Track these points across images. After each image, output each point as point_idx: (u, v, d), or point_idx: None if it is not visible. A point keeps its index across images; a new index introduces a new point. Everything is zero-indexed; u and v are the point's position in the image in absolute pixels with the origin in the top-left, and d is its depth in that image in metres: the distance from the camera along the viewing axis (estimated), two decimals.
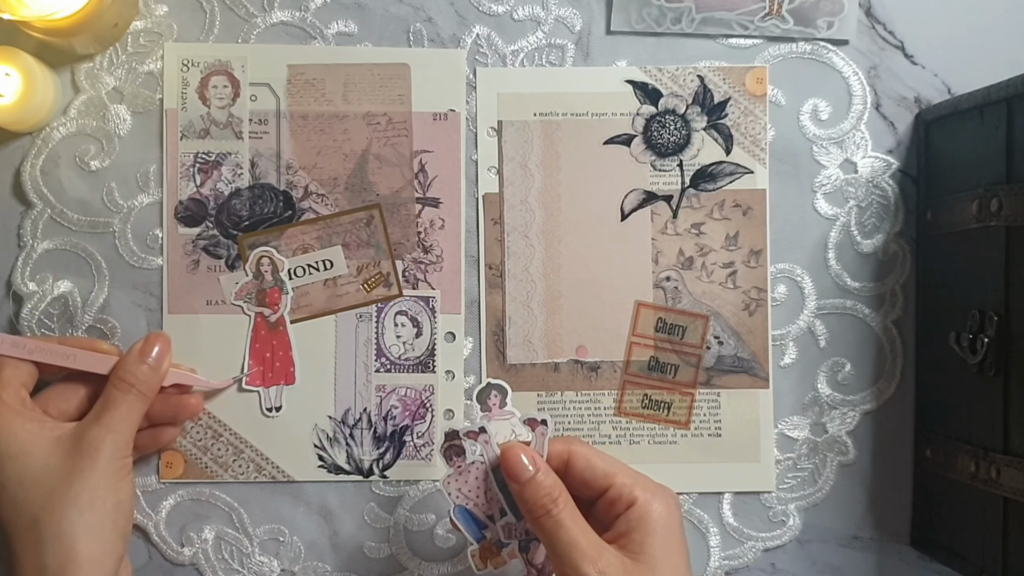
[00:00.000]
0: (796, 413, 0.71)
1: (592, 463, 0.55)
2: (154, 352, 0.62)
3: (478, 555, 0.57)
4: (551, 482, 0.54)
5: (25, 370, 0.61)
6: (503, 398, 0.59)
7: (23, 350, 0.61)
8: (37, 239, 0.69)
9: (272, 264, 0.64)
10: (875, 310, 0.71)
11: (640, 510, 0.53)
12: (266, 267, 0.64)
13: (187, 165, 0.69)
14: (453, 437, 0.58)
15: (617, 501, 0.54)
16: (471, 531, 0.57)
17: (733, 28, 0.70)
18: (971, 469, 0.62)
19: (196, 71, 0.69)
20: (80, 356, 0.62)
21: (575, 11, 0.71)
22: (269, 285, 0.64)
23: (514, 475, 0.54)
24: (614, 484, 0.54)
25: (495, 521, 0.58)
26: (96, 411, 0.60)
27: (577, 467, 0.56)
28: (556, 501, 0.53)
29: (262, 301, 0.65)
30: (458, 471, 0.57)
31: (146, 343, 0.62)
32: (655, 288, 0.70)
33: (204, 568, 0.69)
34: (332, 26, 0.70)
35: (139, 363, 0.61)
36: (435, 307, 0.70)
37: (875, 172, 0.71)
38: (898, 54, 0.71)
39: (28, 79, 0.65)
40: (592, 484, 0.55)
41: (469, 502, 0.57)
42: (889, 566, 0.71)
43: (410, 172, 0.70)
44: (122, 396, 0.60)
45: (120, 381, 0.60)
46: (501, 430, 0.58)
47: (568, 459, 0.56)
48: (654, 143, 0.71)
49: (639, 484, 0.55)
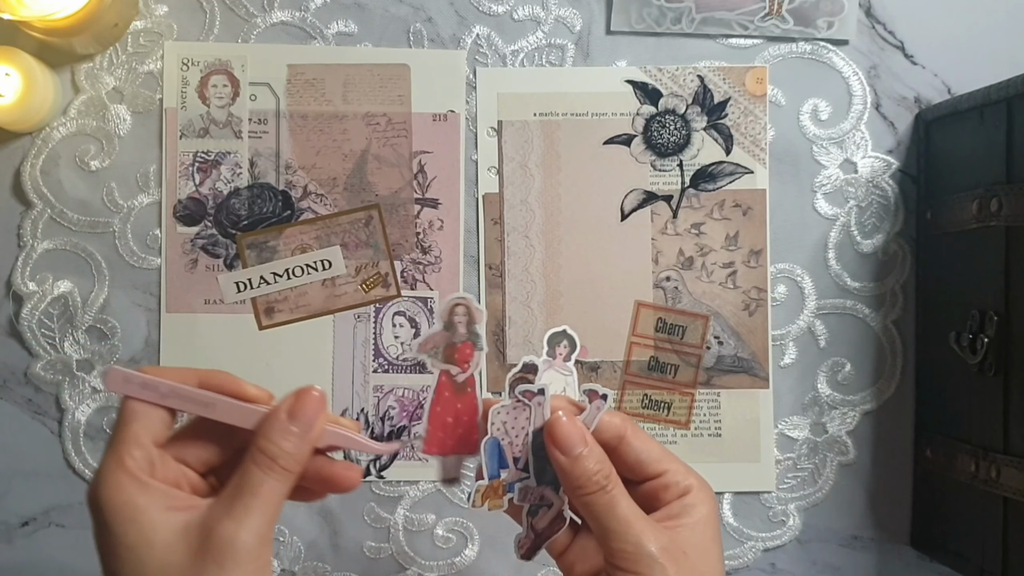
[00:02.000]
0: (796, 413, 0.71)
1: (649, 445, 0.54)
2: (305, 415, 0.48)
3: (482, 491, 0.55)
4: (603, 456, 0.52)
5: (158, 420, 0.48)
6: (571, 352, 0.57)
7: (155, 393, 0.48)
8: (37, 239, 0.69)
9: (468, 314, 0.53)
10: (875, 310, 0.71)
11: (694, 499, 0.52)
12: (460, 317, 0.54)
13: (186, 164, 0.69)
14: (529, 370, 0.55)
15: (671, 487, 0.52)
16: (490, 467, 0.55)
17: (733, 28, 0.70)
18: (971, 469, 0.62)
19: (196, 71, 0.69)
20: (222, 405, 0.49)
21: (575, 11, 0.71)
22: (461, 339, 0.54)
23: (565, 448, 0.51)
24: (670, 470, 0.53)
25: (517, 466, 0.56)
26: (229, 495, 0.46)
27: (633, 447, 0.53)
28: (609, 477, 0.51)
29: (450, 357, 0.54)
30: (514, 404, 0.55)
31: (296, 402, 0.48)
32: (655, 288, 0.70)
33: None
34: (332, 26, 0.70)
35: (286, 431, 0.47)
36: (433, 308, 0.70)
37: (875, 172, 0.71)
38: (898, 54, 0.71)
39: (28, 79, 0.65)
40: (645, 467, 0.53)
41: (505, 439, 0.55)
42: (889, 566, 0.71)
43: (409, 173, 0.70)
44: (262, 475, 0.47)
45: (260, 455, 0.47)
46: (555, 381, 0.56)
47: (625, 436, 0.54)
48: (654, 143, 0.71)
49: (692, 474, 0.53)
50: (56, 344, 0.69)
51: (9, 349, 0.69)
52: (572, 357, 0.56)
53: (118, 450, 0.46)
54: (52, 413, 0.69)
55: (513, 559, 0.54)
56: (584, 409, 0.53)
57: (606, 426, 0.53)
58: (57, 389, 0.69)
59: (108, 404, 0.69)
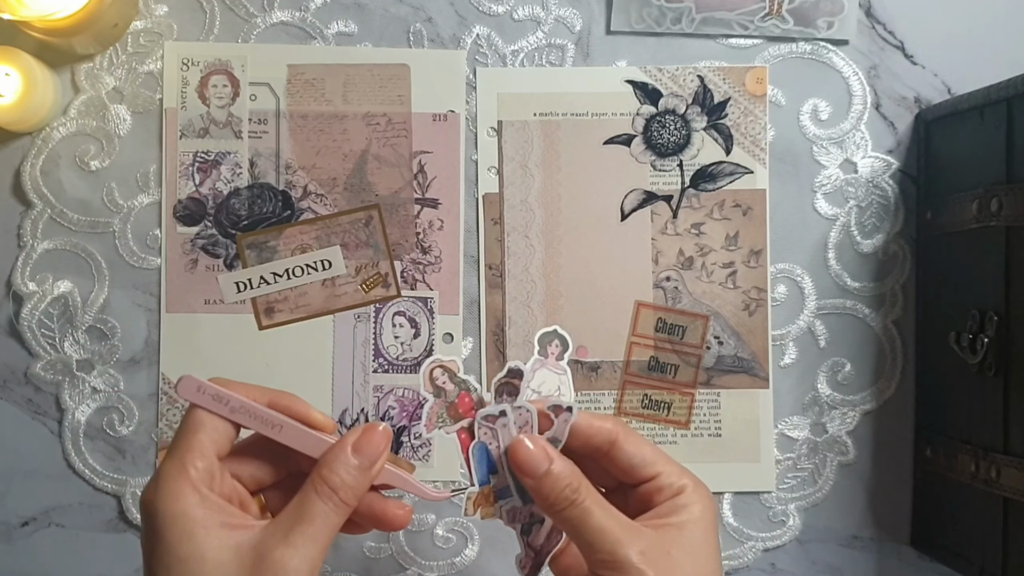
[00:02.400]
0: (796, 413, 0.71)
1: (642, 449, 0.53)
2: (370, 451, 0.49)
3: (474, 499, 0.55)
4: (569, 471, 0.51)
5: (224, 433, 0.48)
6: (563, 351, 0.56)
7: (225, 407, 0.48)
8: (37, 239, 0.69)
9: (446, 371, 0.54)
10: (875, 310, 0.71)
11: (688, 498, 0.51)
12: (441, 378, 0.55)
13: (186, 164, 0.69)
14: (514, 375, 0.55)
15: (664, 489, 0.52)
16: (479, 471, 0.55)
17: (733, 28, 0.70)
18: (971, 469, 0.62)
19: (196, 70, 0.69)
20: (288, 428, 0.49)
21: (575, 11, 0.71)
22: (454, 396, 0.55)
23: (528, 471, 0.51)
24: (662, 472, 0.52)
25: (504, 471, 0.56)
26: (287, 521, 0.46)
27: (625, 451, 0.52)
28: (578, 491, 0.50)
29: (456, 415, 0.55)
30: (499, 410, 0.55)
31: (363, 437, 0.49)
32: (655, 288, 0.70)
33: None
34: (332, 26, 0.70)
35: (350, 464, 0.48)
36: (433, 308, 0.70)
37: (875, 172, 0.71)
38: (898, 54, 0.71)
39: (28, 79, 0.65)
40: (638, 471, 0.52)
41: (493, 443, 0.55)
42: (889, 566, 0.71)
43: (409, 173, 0.70)
44: (320, 505, 0.47)
45: (323, 485, 0.47)
46: (548, 380, 0.56)
47: (616, 441, 0.54)
48: (654, 143, 0.71)
49: (686, 475, 0.53)
50: (56, 344, 0.69)
51: (9, 349, 0.69)
52: (565, 356, 0.56)
53: (183, 458, 0.46)
54: (52, 413, 0.69)
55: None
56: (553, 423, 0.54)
57: (596, 431, 0.53)
58: (57, 389, 0.69)
59: (108, 404, 0.69)
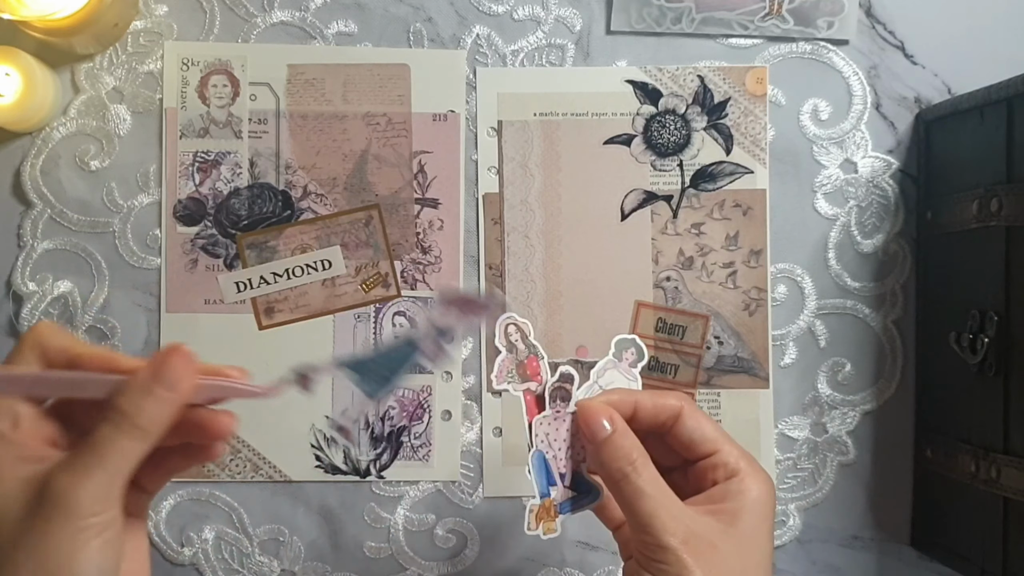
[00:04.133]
0: (796, 413, 0.71)
1: (702, 425, 0.52)
2: (170, 373, 0.44)
3: (535, 511, 0.55)
4: (629, 444, 0.50)
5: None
6: (637, 359, 0.57)
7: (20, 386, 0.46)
8: (37, 239, 0.69)
9: (519, 330, 0.56)
10: (875, 310, 0.71)
11: (741, 483, 0.51)
12: (515, 335, 0.57)
13: (186, 164, 0.69)
14: (566, 379, 0.56)
15: (719, 468, 0.52)
16: (540, 482, 0.55)
17: (733, 28, 0.70)
18: (971, 469, 0.62)
19: (196, 70, 0.69)
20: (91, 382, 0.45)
21: (575, 11, 0.71)
22: (524, 356, 0.57)
23: (590, 434, 0.51)
24: (721, 450, 0.52)
25: (564, 483, 0.56)
26: (75, 450, 0.43)
27: (686, 425, 0.52)
28: (634, 464, 0.50)
29: (524, 375, 0.57)
30: (555, 415, 0.55)
31: (158, 362, 0.44)
32: (655, 288, 0.70)
33: (204, 568, 0.69)
34: (332, 26, 0.70)
35: (148, 389, 0.44)
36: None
37: (875, 172, 0.71)
38: (898, 54, 0.71)
39: (28, 79, 0.65)
40: (698, 446, 0.52)
41: (550, 451, 0.55)
42: (889, 566, 0.71)
43: (409, 173, 0.70)
44: (112, 433, 0.43)
45: (114, 412, 0.43)
46: (617, 382, 0.56)
47: (679, 415, 0.54)
48: (654, 143, 0.71)
49: (745, 458, 0.52)
50: None
51: (9, 349, 0.69)
52: (639, 365, 0.56)
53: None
54: None
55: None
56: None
57: (661, 409, 0.53)
58: None
59: None
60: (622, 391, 0.54)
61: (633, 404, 0.53)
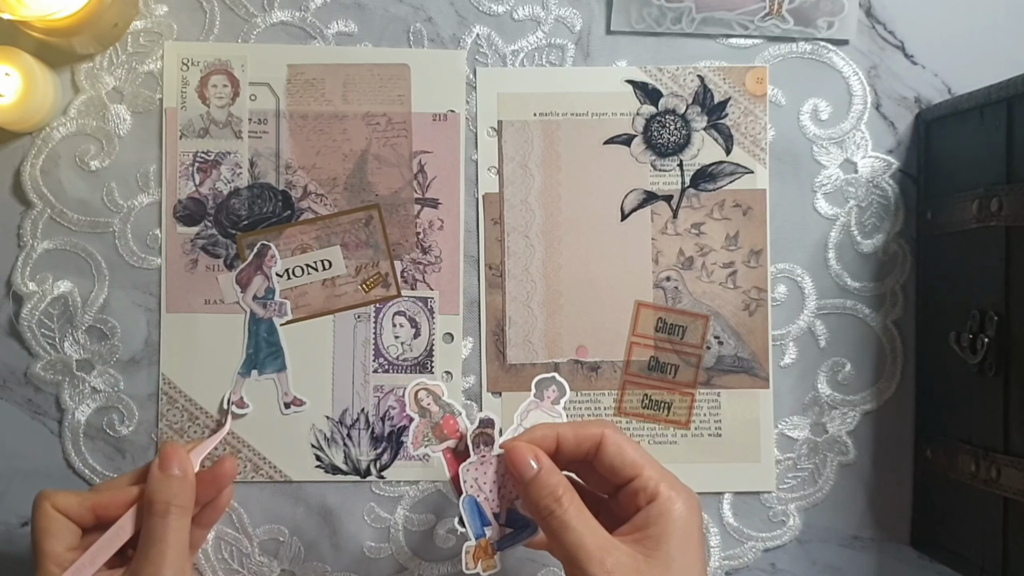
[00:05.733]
0: (796, 413, 0.71)
1: (623, 450, 0.54)
2: (173, 459, 0.57)
3: (472, 552, 0.57)
4: (555, 481, 0.53)
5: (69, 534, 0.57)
6: (559, 396, 0.58)
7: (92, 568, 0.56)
8: (37, 239, 0.69)
9: (431, 393, 0.58)
10: (875, 310, 0.71)
11: (661, 506, 0.52)
12: (426, 399, 0.59)
13: (186, 164, 0.69)
14: (487, 425, 0.57)
15: (640, 493, 0.53)
16: (474, 525, 0.57)
17: (733, 28, 0.70)
18: (971, 469, 0.62)
19: (196, 70, 0.69)
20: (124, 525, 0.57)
21: (575, 11, 0.71)
22: (439, 417, 0.59)
23: (518, 474, 0.53)
24: (640, 475, 0.53)
25: (499, 521, 0.57)
26: (141, 549, 0.55)
27: (608, 452, 0.54)
28: (560, 501, 0.52)
29: (441, 435, 0.59)
30: (480, 460, 0.57)
31: (162, 459, 0.57)
32: (655, 288, 0.70)
33: (204, 568, 0.69)
34: (332, 26, 0.70)
35: (167, 479, 0.56)
36: (433, 308, 0.70)
37: (875, 172, 0.71)
38: (898, 54, 0.71)
39: (28, 79, 0.65)
40: (619, 472, 0.54)
41: (480, 495, 0.57)
42: (889, 566, 0.71)
43: (409, 173, 0.70)
44: (161, 521, 0.55)
45: (153, 505, 0.55)
46: (541, 420, 0.58)
47: (600, 442, 0.55)
48: (654, 143, 0.71)
49: (665, 480, 0.53)
50: (56, 344, 0.69)
51: (9, 349, 0.69)
52: (561, 401, 0.58)
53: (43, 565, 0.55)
54: (52, 413, 0.69)
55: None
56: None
57: (583, 439, 0.55)
58: (57, 389, 0.69)
59: (108, 404, 0.69)
60: (544, 426, 0.57)
61: (555, 438, 0.55)
